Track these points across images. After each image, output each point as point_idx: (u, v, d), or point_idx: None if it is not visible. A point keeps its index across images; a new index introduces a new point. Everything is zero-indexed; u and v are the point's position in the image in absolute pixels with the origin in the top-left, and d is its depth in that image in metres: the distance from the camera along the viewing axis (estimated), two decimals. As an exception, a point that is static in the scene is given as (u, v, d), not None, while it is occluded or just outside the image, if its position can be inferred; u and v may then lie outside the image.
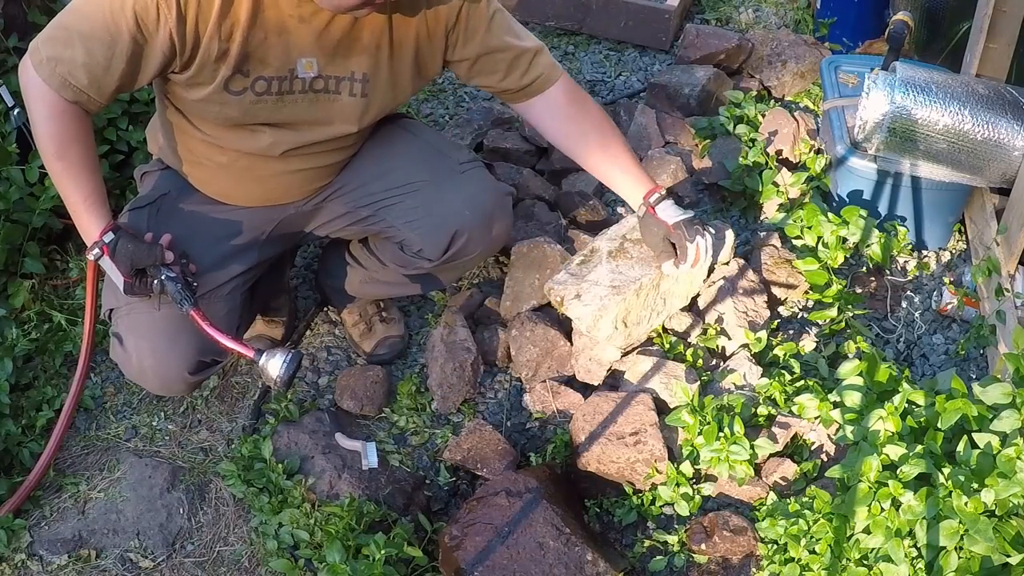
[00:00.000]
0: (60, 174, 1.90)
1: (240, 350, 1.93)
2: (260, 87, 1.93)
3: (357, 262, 2.37)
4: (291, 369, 1.88)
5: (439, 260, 2.21)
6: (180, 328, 2.01)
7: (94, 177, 1.93)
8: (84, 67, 1.80)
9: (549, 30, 3.70)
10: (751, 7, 3.70)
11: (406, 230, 2.20)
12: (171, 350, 2.04)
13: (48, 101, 1.83)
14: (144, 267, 1.94)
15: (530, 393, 2.39)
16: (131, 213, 2.11)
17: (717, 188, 2.90)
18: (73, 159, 1.89)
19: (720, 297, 2.44)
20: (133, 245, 1.94)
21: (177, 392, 2.24)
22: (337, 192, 2.21)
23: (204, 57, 1.85)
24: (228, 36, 1.84)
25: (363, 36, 1.95)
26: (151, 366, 2.06)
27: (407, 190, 2.18)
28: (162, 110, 2.08)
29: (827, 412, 2.10)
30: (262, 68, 1.91)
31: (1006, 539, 1.67)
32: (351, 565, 2.00)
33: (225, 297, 2.13)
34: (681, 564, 2.06)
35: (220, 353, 2.10)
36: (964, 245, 2.73)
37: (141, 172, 2.25)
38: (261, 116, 1.98)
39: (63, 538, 2.17)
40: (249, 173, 2.09)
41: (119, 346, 2.07)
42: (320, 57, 1.93)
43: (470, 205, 2.18)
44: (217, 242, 2.12)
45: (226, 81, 1.90)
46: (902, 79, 2.44)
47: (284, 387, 1.91)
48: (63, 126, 1.86)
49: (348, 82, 1.99)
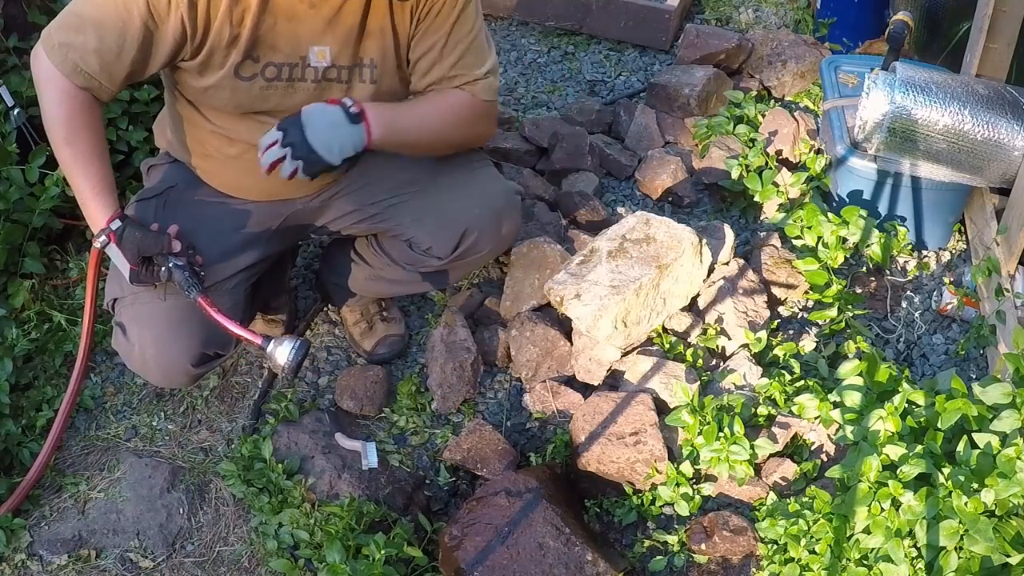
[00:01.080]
0: (69, 161, 1.91)
1: (248, 337, 1.93)
2: (270, 73, 1.93)
3: (362, 259, 2.37)
4: (299, 356, 1.88)
5: (448, 258, 2.21)
6: (184, 318, 2.01)
7: (102, 165, 1.94)
8: (95, 53, 1.82)
9: (549, 30, 3.70)
10: (751, 7, 3.70)
11: (415, 228, 2.19)
12: (175, 340, 2.04)
13: (59, 86, 1.85)
14: (151, 255, 1.95)
15: (530, 393, 2.39)
16: (138, 204, 2.12)
17: (717, 188, 2.90)
18: (82, 146, 1.90)
19: (720, 297, 2.44)
20: (140, 233, 1.94)
21: (178, 384, 2.23)
22: (345, 189, 2.20)
23: (215, 42, 1.86)
24: (239, 21, 1.86)
25: (370, 22, 1.96)
26: (153, 356, 2.05)
27: (416, 187, 2.18)
28: (171, 103, 2.09)
29: (827, 412, 2.10)
30: (272, 54, 1.92)
31: (1006, 539, 1.68)
32: (351, 565, 2.00)
33: (230, 291, 2.13)
34: (681, 564, 2.06)
35: (223, 346, 2.10)
36: (964, 245, 2.73)
37: (148, 165, 2.26)
38: (271, 103, 1.98)
39: (63, 538, 2.17)
40: (258, 166, 2.09)
41: (122, 336, 2.07)
42: (333, 44, 1.94)
43: (480, 203, 2.18)
44: (223, 235, 2.12)
45: (236, 67, 1.90)
46: (902, 79, 2.44)
47: (291, 374, 1.91)
48: (73, 112, 1.87)
49: (359, 69, 2.00)
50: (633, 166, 3.01)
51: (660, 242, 2.40)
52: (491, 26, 3.72)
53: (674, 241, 2.40)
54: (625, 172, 3.02)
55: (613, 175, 3.04)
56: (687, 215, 2.89)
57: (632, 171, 3.01)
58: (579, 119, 3.16)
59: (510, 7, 3.71)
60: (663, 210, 2.90)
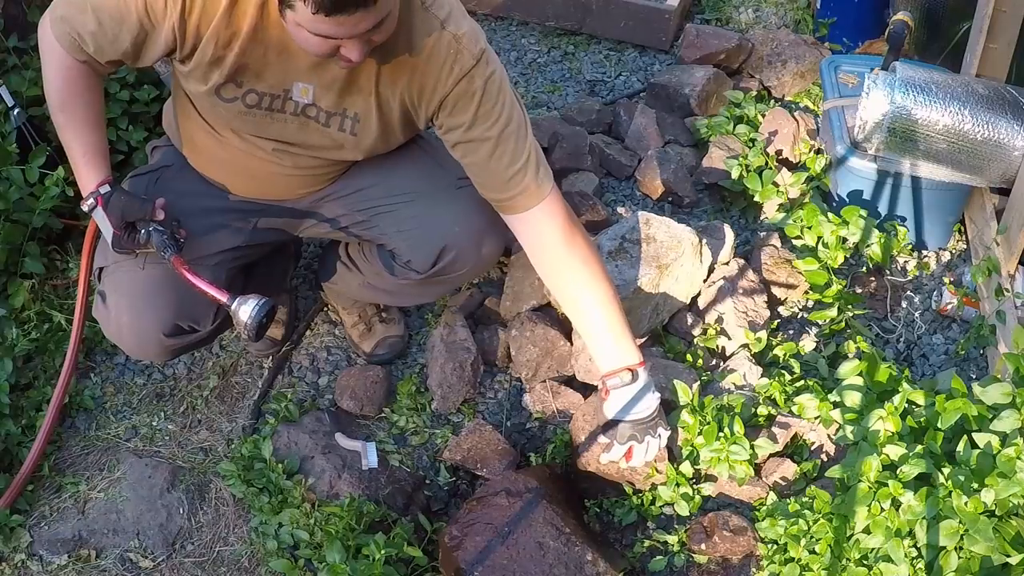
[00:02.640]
0: (62, 126, 1.98)
1: (214, 294, 1.91)
2: (251, 100, 1.94)
3: (355, 265, 2.37)
4: (259, 315, 1.86)
5: (427, 273, 2.18)
6: (160, 288, 2.03)
7: (96, 132, 2.00)
8: (92, 35, 1.87)
9: (549, 30, 3.70)
10: (751, 7, 3.70)
11: (398, 239, 2.19)
12: (148, 308, 2.05)
13: (58, 56, 1.93)
14: (134, 221, 1.97)
15: (530, 393, 2.39)
16: (131, 179, 2.19)
17: (717, 188, 2.90)
18: (75, 112, 1.97)
19: (720, 297, 2.44)
20: (127, 198, 1.97)
21: (153, 356, 2.25)
22: (335, 194, 2.20)
23: (200, 58, 1.88)
24: (226, 44, 1.85)
25: (359, 78, 1.93)
26: (127, 323, 2.07)
27: (404, 199, 2.16)
28: (176, 91, 2.12)
29: (827, 412, 2.10)
30: (256, 82, 1.92)
31: (1006, 539, 1.68)
32: (351, 565, 2.00)
33: (211, 268, 2.11)
34: (681, 564, 2.06)
35: (197, 320, 2.10)
36: (964, 245, 2.73)
37: (152, 146, 2.32)
38: (249, 127, 2.00)
39: (63, 538, 2.17)
40: (246, 170, 2.11)
41: (101, 303, 2.09)
42: (317, 86, 1.93)
43: (460, 222, 2.13)
44: (209, 214, 2.14)
45: (217, 88, 1.92)
46: (902, 79, 2.44)
47: (252, 332, 1.88)
48: (70, 81, 1.95)
49: (339, 118, 1.98)
50: (633, 166, 3.01)
51: (660, 242, 2.40)
52: (491, 26, 3.72)
53: (674, 241, 2.40)
54: (625, 172, 3.02)
55: (613, 175, 3.03)
56: (687, 215, 2.89)
57: (632, 171, 3.01)
58: (579, 119, 3.16)
59: (510, 7, 3.71)
60: (663, 210, 2.90)
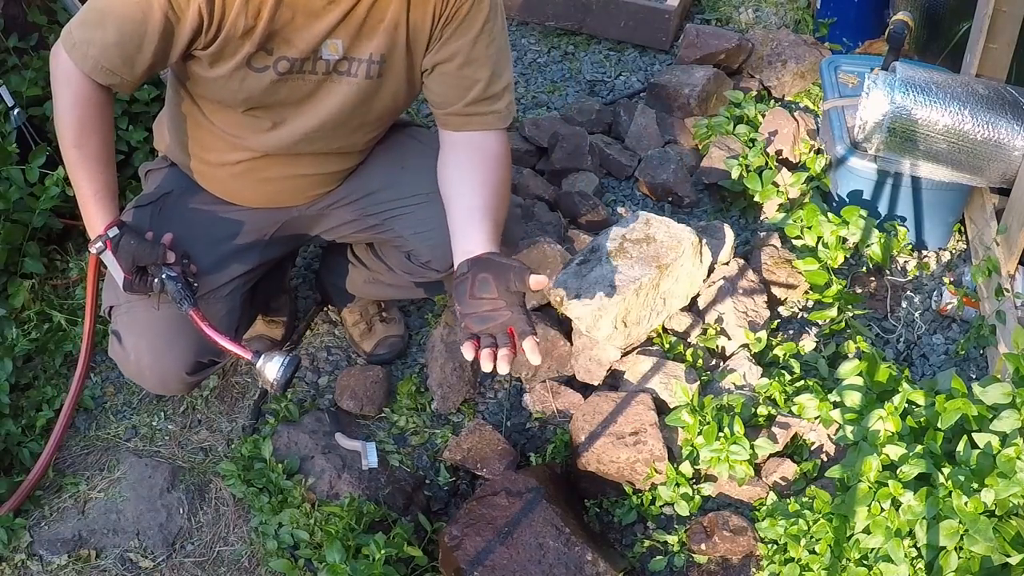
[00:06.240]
0: (75, 163, 1.91)
1: (238, 352, 1.92)
2: (283, 67, 1.92)
3: (361, 262, 2.37)
4: (288, 372, 1.88)
5: (447, 271, 2.19)
6: (179, 328, 2.01)
7: (107, 170, 1.94)
8: (116, 46, 1.81)
9: (549, 30, 3.70)
10: (751, 7, 3.70)
11: (415, 241, 2.18)
12: (169, 350, 2.04)
13: (76, 87, 1.85)
14: (145, 265, 1.95)
15: (530, 393, 2.39)
16: (134, 211, 2.12)
17: (717, 188, 2.90)
18: (90, 150, 1.90)
19: (720, 297, 2.44)
20: (136, 242, 1.94)
21: (175, 391, 2.24)
22: (345, 199, 2.20)
23: (229, 32, 1.84)
24: (255, 14, 1.83)
25: (386, 16, 1.92)
26: (148, 365, 2.06)
27: (417, 201, 2.15)
28: (175, 102, 2.08)
29: (827, 412, 2.10)
30: (286, 48, 1.90)
31: (1006, 539, 1.68)
32: (351, 565, 2.00)
33: (225, 298, 2.13)
34: (681, 564, 2.06)
35: (218, 354, 2.10)
36: (964, 245, 2.73)
37: (146, 170, 2.25)
38: (280, 95, 1.96)
39: (63, 538, 2.17)
40: (256, 173, 2.08)
41: (118, 344, 2.07)
42: (345, 38, 1.92)
43: None
44: (218, 243, 2.12)
45: (249, 57, 1.89)
46: (902, 79, 2.44)
47: (281, 390, 1.91)
48: (87, 114, 1.87)
49: (366, 64, 1.96)
50: (633, 166, 3.01)
51: (660, 242, 2.40)
52: (491, 26, 3.72)
53: (674, 241, 2.40)
54: (625, 172, 3.02)
55: (613, 175, 3.04)
56: (687, 215, 2.89)
57: (632, 171, 3.01)
58: (579, 119, 3.16)
59: (510, 7, 3.71)
60: (663, 210, 2.90)
